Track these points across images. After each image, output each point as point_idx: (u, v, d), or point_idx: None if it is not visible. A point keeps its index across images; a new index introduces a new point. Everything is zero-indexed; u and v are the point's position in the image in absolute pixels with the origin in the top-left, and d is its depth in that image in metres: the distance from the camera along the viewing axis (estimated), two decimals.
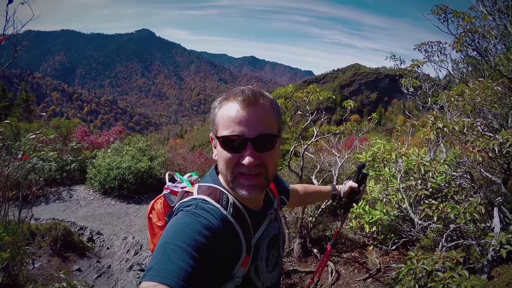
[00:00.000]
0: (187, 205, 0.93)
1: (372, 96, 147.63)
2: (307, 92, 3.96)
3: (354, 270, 3.79)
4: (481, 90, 2.20)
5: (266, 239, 1.07)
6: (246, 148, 0.88)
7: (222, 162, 0.93)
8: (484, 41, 2.84)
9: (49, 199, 8.26)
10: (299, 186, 1.60)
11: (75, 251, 5.11)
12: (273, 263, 1.11)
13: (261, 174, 0.92)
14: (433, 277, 1.66)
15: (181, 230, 0.82)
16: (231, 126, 0.89)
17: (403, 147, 3.55)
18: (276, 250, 1.14)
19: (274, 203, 1.19)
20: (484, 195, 2.27)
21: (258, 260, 1.01)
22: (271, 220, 1.11)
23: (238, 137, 0.88)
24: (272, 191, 1.22)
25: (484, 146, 2.02)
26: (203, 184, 1.04)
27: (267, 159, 0.92)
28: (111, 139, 12.40)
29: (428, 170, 2.57)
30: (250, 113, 0.89)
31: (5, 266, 3.13)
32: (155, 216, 1.20)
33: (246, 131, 0.88)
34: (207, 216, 0.87)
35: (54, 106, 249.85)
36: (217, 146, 0.96)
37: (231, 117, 0.89)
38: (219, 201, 0.94)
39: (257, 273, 1.01)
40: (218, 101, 0.97)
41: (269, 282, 1.08)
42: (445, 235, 2.24)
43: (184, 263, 0.73)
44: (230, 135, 0.89)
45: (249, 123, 0.88)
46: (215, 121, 0.95)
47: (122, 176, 8.74)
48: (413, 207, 2.85)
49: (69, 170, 9.53)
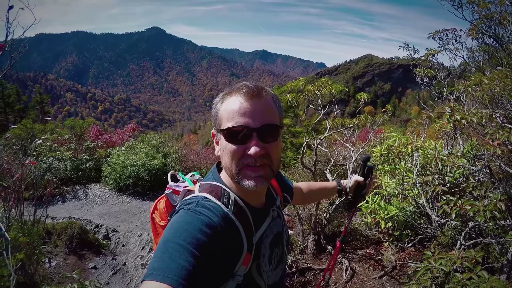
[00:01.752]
0: (188, 203, 0.92)
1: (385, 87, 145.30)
2: (319, 85, 3.87)
3: (369, 267, 3.72)
4: (499, 80, 2.09)
5: (268, 237, 1.06)
6: (251, 139, 0.89)
7: (227, 155, 0.93)
8: (501, 28, 2.69)
9: (65, 198, 8.48)
10: (303, 184, 1.58)
11: (90, 249, 5.23)
12: (276, 261, 1.10)
13: (266, 165, 0.92)
14: (451, 277, 1.59)
15: (182, 228, 0.82)
16: (235, 118, 0.89)
17: (419, 140, 3.43)
18: (280, 248, 1.13)
19: (277, 200, 1.18)
20: (504, 191, 2.16)
21: (261, 258, 1.00)
22: (274, 218, 1.10)
23: (243, 128, 0.89)
24: (275, 189, 1.22)
25: (504, 139, 1.91)
26: (204, 182, 1.03)
27: (271, 149, 0.92)
28: (125, 137, 12.61)
29: (445, 165, 2.47)
30: (254, 104, 0.90)
31: (21, 266, 3.21)
32: (158, 215, 1.21)
33: (251, 122, 0.89)
34: (208, 213, 0.87)
35: (68, 106, 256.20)
36: (220, 141, 0.96)
37: (235, 110, 0.90)
38: (220, 198, 0.94)
39: (260, 271, 1.00)
40: (219, 96, 0.98)
41: (272, 280, 1.07)
42: (464, 233, 2.15)
43: (185, 261, 0.73)
44: (235, 126, 0.89)
45: (254, 114, 0.89)
46: (217, 116, 0.96)
47: (137, 173, 8.89)
48: (430, 203, 2.75)
49: (84, 169, 9.76)
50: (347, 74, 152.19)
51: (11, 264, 2.45)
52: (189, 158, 10.67)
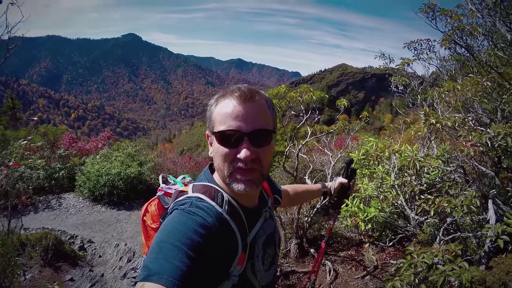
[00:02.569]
0: (181, 204, 0.92)
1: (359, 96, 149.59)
2: (301, 92, 3.98)
3: (351, 268, 3.81)
4: (471, 86, 2.26)
5: (261, 237, 1.06)
6: (242, 143, 0.89)
7: (219, 157, 0.93)
8: (472, 38, 2.92)
9: (38, 208, 8.09)
10: (289, 187, 1.61)
11: (66, 260, 5.00)
12: (269, 262, 1.11)
13: (256, 170, 0.92)
14: (433, 270, 1.68)
15: (176, 229, 0.82)
16: (227, 121, 0.89)
17: (396, 144, 3.60)
18: (273, 249, 1.14)
19: (268, 201, 1.19)
20: (478, 188, 2.32)
21: (255, 258, 1.01)
22: (266, 218, 1.11)
23: (235, 132, 0.89)
24: (266, 190, 1.23)
25: (476, 140, 2.06)
26: (197, 183, 1.04)
27: (262, 154, 0.92)
28: (99, 145, 12.25)
29: (423, 166, 2.61)
30: (247, 108, 0.90)
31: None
32: (149, 218, 1.20)
33: (243, 126, 0.89)
34: (202, 214, 0.87)
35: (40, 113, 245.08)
36: (213, 142, 0.96)
37: (228, 113, 0.90)
38: (214, 198, 0.94)
39: (254, 271, 1.00)
40: (214, 98, 0.98)
41: (266, 281, 1.08)
42: (442, 228, 2.28)
43: (179, 262, 0.73)
44: (227, 129, 0.89)
45: (246, 118, 0.89)
46: (211, 118, 0.96)
47: (112, 182, 8.66)
48: (408, 203, 2.89)
49: (58, 177, 9.36)
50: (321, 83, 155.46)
51: None
52: (165, 166, 10.51)
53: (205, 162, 11.99)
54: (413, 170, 2.72)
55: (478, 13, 2.58)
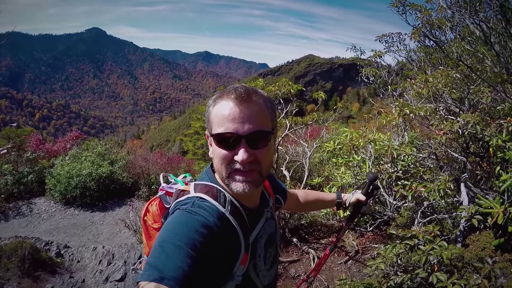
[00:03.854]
0: (183, 204, 0.92)
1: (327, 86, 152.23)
2: (279, 86, 4.03)
3: (334, 254, 3.96)
4: (442, 77, 2.41)
5: (263, 237, 1.07)
6: (240, 145, 0.88)
7: (217, 159, 0.94)
8: (440, 32, 3.09)
9: (8, 215, 7.65)
10: (300, 192, 1.58)
11: (45, 269, 4.79)
12: (270, 262, 1.12)
13: (255, 171, 0.92)
14: (415, 250, 1.81)
15: (178, 228, 0.82)
16: (224, 124, 0.89)
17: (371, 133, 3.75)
18: (274, 249, 1.15)
19: (270, 201, 1.19)
20: (450, 173, 2.50)
21: (257, 258, 1.02)
22: (268, 218, 1.11)
23: (232, 134, 0.88)
24: (267, 190, 1.22)
25: (448, 129, 2.22)
26: (199, 182, 1.03)
27: (261, 155, 0.92)
28: (67, 145, 11.71)
29: (399, 154, 2.76)
30: (244, 110, 0.89)
31: None
32: (151, 218, 1.19)
33: (239, 128, 0.88)
34: (204, 214, 0.87)
35: (3, 114, 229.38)
36: (212, 144, 0.96)
37: (225, 115, 0.89)
38: (217, 198, 0.94)
39: (256, 271, 1.01)
40: (212, 99, 0.97)
41: (267, 281, 1.09)
42: (419, 212, 2.44)
43: (182, 262, 0.73)
44: (224, 132, 0.89)
45: (243, 120, 0.88)
46: (209, 120, 0.96)
47: (84, 183, 8.36)
48: (385, 189, 3.04)
49: (27, 182, 8.86)
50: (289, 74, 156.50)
51: None
52: (137, 164, 10.25)
53: (176, 158, 11.85)
54: (390, 157, 2.87)
55: (448, 10, 2.74)
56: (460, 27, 2.98)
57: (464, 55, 2.77)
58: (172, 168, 10.13)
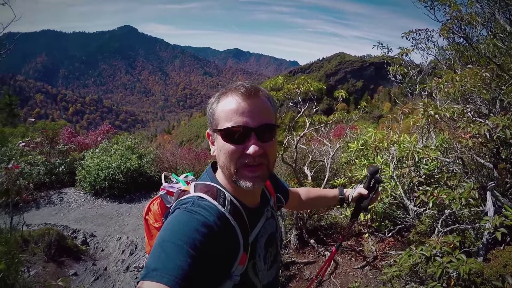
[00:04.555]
0: (183, 203, 0.92)
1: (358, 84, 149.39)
2: (299, 83, 3.95)
3: (351, 258, 3.86)
4: (470, 77, 2.24)
5: (263, 237, 1.07)
6: (250, 138, 0.89)
7: (225, 155, 0.93)
8: (470, 28, 2.89)
9: (39, 203, 8.10)
10: (302, 190, 1.57)
11: (70, 255, 5.04)
12: (270, 261, 1.11)
13: (263, 165, 0.93)
14: (432, 262, 1.70)
15: (178, 228, 0.82)
16: (233, 118, 0.89)
17: (394, 134, 3.59)
18: (274, 248, 1.14)
19: (270, 200, 1.18)
20: (476, 180, 2.33)
21: (256, 258, 1.02)
22: (268, 218, 1.11)
23: (242, 128, 0.89)
24: (268, 189, 1.22)
25: (475, 132, 2.06)
26: (199, 182, 1.03)
27: (269, 149, 0.93)
28: (98, 139, 12.20)
29: (421, 157, 2.61)
30: (252, 104, 0.90)
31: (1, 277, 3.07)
32: (152, 217, 1.20)
33: (249, 121, 0.89)
34: (204, 213, 0.87)
35: (38, 108, 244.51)
36: (216, 141, 0.96)
37: (233, 109, 0.90)
38: (216, 198, 0.94)
39: (255, 271, 1.01)
40: (215, 97, 0.98)
41: (267, 280, 1.08)
42: (441, 220, 2.30)
43: (182, 261, 0.73)
44: (234, 126, 0.89)
45: (252, 113, 0.90)
46: (214, 116, 0.95)
47: (112, 175, 8.65)
48: (407, 194, 2.90)
49: (58, 173, 9.34)
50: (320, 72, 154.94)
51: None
52: (165, 158, 10.50)
53: (204, 153, 11.99)
54: (412, 161, 2.72)
55: (477, 3, 2.54)
56: (492, 23, 2.76)
57: (496, 53, 2.57)
58: (199, 164, 10.29)
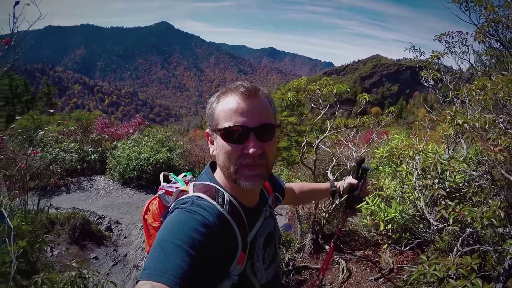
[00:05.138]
0: (182, 203, 0.92)
1: (393, 88, 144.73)
2: (320, 85, 3.85)
3: (366, 268, 3.71)
4: (504, 84, 2.05)
5: (262, 236, 1.07)
6: (249, 138, 0.90)
7: (224, 155, 0.93)
8: (508, 32, 2.64)
9: (70, 188, 8.57)
10: (295, 185, 1.59)
11: (93, 239, 5.30)
12: (269, 261, 1.11)
13: (263, 165, 0.93)
14: (445, 283, 1.57)
15: (177, 227, 0.82)
16: (233, 118, 0.90)
17: (421, 142, 3.40)
18: (272, 248, 1.14)
19: (269, 200, 1.19)
20: (505, 197, 2.13)
21: (255, 257, 1.01)
22: (266, 217, 1.11)
23: (241, 128, 0.89)
24: (266, 188, 1.22)
25: (506, 145, 1.88)
26: (198, 182, 1.04)
27: (268, 149, 0.93)
28: (130, 130, 12.69)
29: (445, 169, 2.43)
30: (251, 104, 0.91)
31: (23, 254, 3.27)
32: (151, 217, 1.20)
33: (248, 121, 0.89)
34: (202, 213, 0.87)
35: (75, 98, 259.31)
36: (216, 140, 0.97)
37: (233, 109, 0.90)
38: (215, 198, 0.94)
39: (254, 270, 1.01)
40: (215, 96, 0.98)
41: (265, 280, 1.08)
42: (461, 239, 2.12)
43: (181, 261, 0.73)
44: (233, 125, 0.89)
45: (251, 113, 0.90)
46: (213, 116, 0.96)
47: (141, 167, 8.98)
48: (429, 207, 2.72)
49: (90, 161, 9.85)
50: (354, 74, 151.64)
51: (13, 251, 2.50)
52: (194, 153, 10.70)
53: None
54: (436, 172, 2.55)
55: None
56: None
57: None
58: None
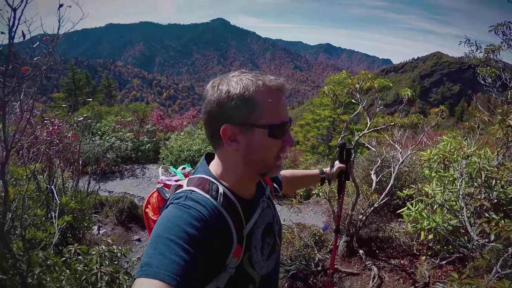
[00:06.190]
0: (177, 198, 0.92)
1: (454, 88, 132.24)
2: (359, 79, 3.65)
3: (399, 279, 3.44)
4: None
5: (259, 228, 1.05)
6: (287, 133, 0.93)
7: (267, 151, 0.92)
8: None
9: (123, 175, 9.27)
10: (287, 172, 1.58)
11: (138, 222, 5.66)
12: (268, 251, 1.09)
13: None
14: None
15: (171, 223, 0.82)
16: (282, 112, 0.90)
17: (470, 146, 3.05)
18: (272, 238, 1.12)
19: (267, 190, 1.16)
20: None
21: (252, 249, 0.99)
22: (264, 208, 1.09)
23: (289, 122, 0.92)
24: (265, 179, 1.20)
25: None
26: (193, 176, 1.02)
27: None
28: (184, 122, 13.27)
29: (491, 177, 2.15)
30: (284, 97, 0.93)
31: (71, 229, 3.64)
32: (151, 210, 1.21)
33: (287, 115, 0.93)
34: (197, 207, 0.86)
35: (135, 92, 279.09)
36: (251, 137, 0.89)
37: (280, 103, 0.90)
38: (208, 191, 0.93)
39: (252, 263, 0.99)
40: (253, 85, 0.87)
41: (265, 271, 1.06)
42: (502, 259, 1.84)
43: (176, 256, 0.73)
44: (287, 121, 0.92)
45: (286, 106, 0.94)
46: (254, 107, 0.86)
47: (192, 158, 9.30)
48: (472, 219, 2.43)
49: (144, 150, 10.48)
50: (414, 73, 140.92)
51: (58, 224, 2.81)
52: None
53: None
54: (481, 180, 2.27)
55: None
56: None
57: None
58: None
